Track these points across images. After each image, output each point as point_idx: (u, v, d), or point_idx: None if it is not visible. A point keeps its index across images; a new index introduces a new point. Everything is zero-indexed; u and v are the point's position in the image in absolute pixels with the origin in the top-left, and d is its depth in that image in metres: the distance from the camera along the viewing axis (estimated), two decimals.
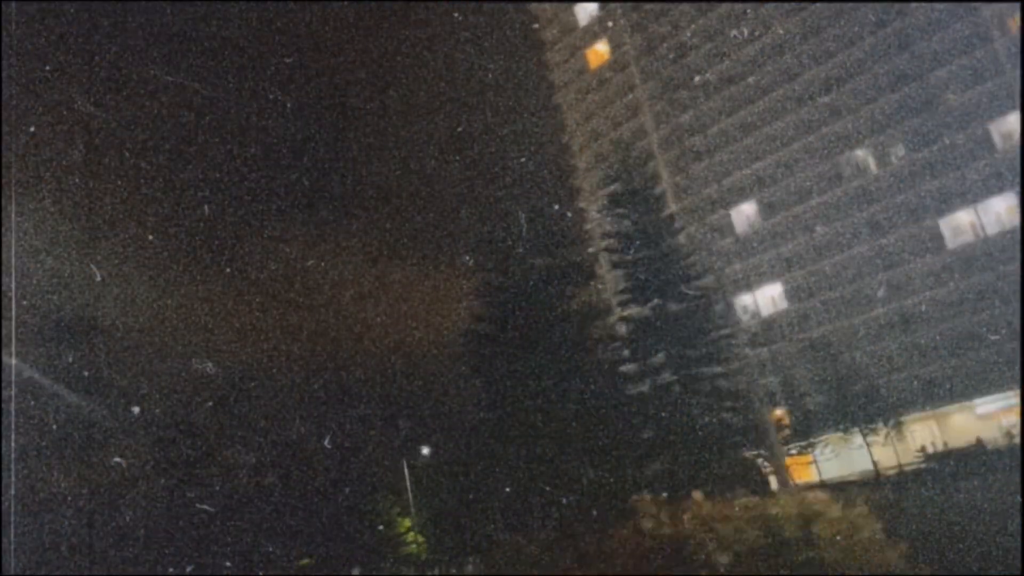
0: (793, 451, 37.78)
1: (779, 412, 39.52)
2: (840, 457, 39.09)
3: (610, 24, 61.86)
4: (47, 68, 60.26)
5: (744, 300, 52.99)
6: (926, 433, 43.62)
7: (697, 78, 56.10)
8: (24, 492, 20.06)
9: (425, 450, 31.66)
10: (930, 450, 39.31)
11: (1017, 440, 35.74)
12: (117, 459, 24.29)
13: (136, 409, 26.05)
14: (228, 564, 20.48)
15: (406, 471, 29.81)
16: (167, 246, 52.98)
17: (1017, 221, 44.80)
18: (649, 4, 60.65)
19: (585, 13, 65.57)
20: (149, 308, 33.24)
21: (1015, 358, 41.84)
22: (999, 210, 47.02)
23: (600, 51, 64.89)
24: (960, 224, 47.88)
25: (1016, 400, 41.38)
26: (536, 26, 64.57)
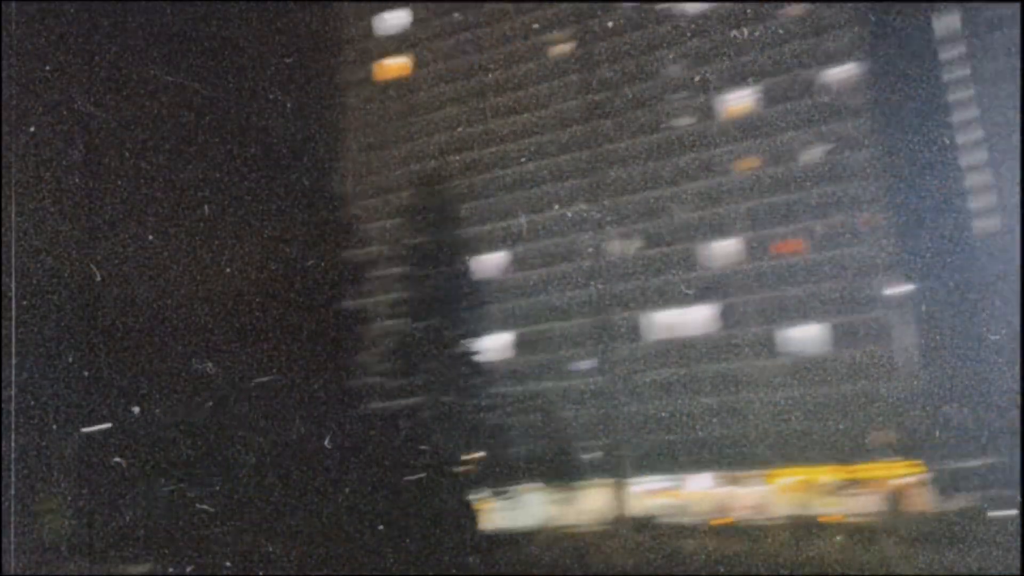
0: (482, 495, 37.97)
1: (475, 455, 40.52)
2: (520, 509, 40.30)
3: (417, 40, 62.59)
4: (47, 68, 60.26)
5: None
6: (595, 499, 49.24)
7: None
8: (24, 492, 20.08)
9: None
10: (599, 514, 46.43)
11: (656, 519, 43.50)
12: (117, 459, 24.29)
13: (136, 409, 26.04)
14: (228, 564, 20.50)
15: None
16: (167, 246, 52.88)
17: (713, 329, 53.91)
18: (464, 34, 62.77)
19: (387, 24, 65.58)
20: (149, 308, 33.25)
21: (671, 446, 51.50)
22: (698, 317, 54.83)
23: (393, 65, 65.45)
24: (660, 322, 55.37)
25: (668, 484, 50.97)
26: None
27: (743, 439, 52.21)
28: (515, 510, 39.69)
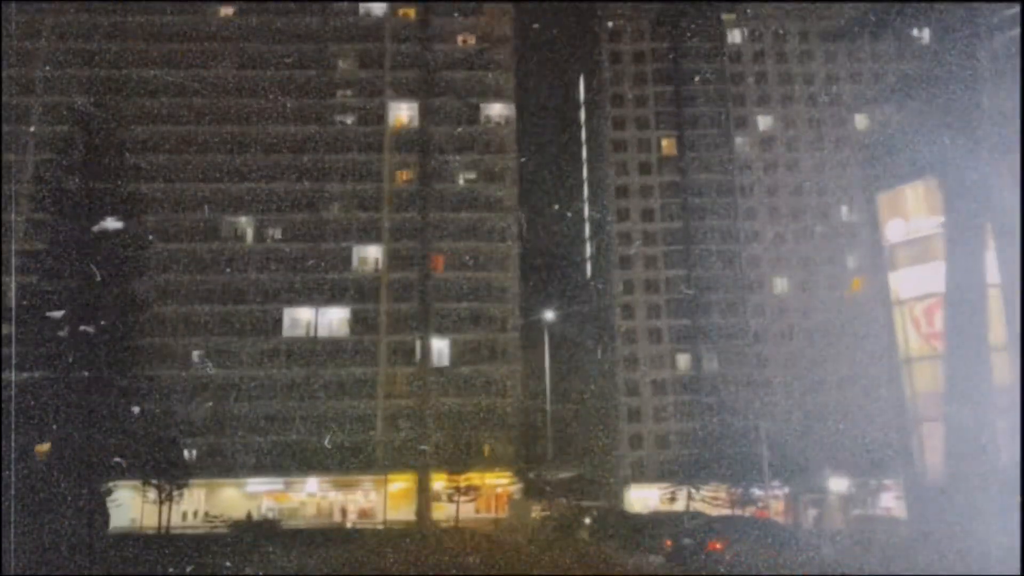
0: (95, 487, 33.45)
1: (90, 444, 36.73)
2: (119, 506, 33.39)
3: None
4: (47, 68, 60.41)
5: None
6: (193, 500, 46.40)
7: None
8: (24, 492, 20.09)
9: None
10: (204, 515, 45.62)
11: (276, 520, 42.16)
12: (117, 459, 24.29)
13: (136, 409, 26.04)
14: (228, 564, 20.50)
15: None
16: (167, 246, 53.03)
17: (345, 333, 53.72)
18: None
19: None
20: (149, 308, 33.18)
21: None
22: (333, 319, 54.29)
23: None
24: (299, 319, 54.48)
25: (279, 486, 50.85)
26: None
27: (363, 445, 52.07)
28: (116, 507, 30.55)
